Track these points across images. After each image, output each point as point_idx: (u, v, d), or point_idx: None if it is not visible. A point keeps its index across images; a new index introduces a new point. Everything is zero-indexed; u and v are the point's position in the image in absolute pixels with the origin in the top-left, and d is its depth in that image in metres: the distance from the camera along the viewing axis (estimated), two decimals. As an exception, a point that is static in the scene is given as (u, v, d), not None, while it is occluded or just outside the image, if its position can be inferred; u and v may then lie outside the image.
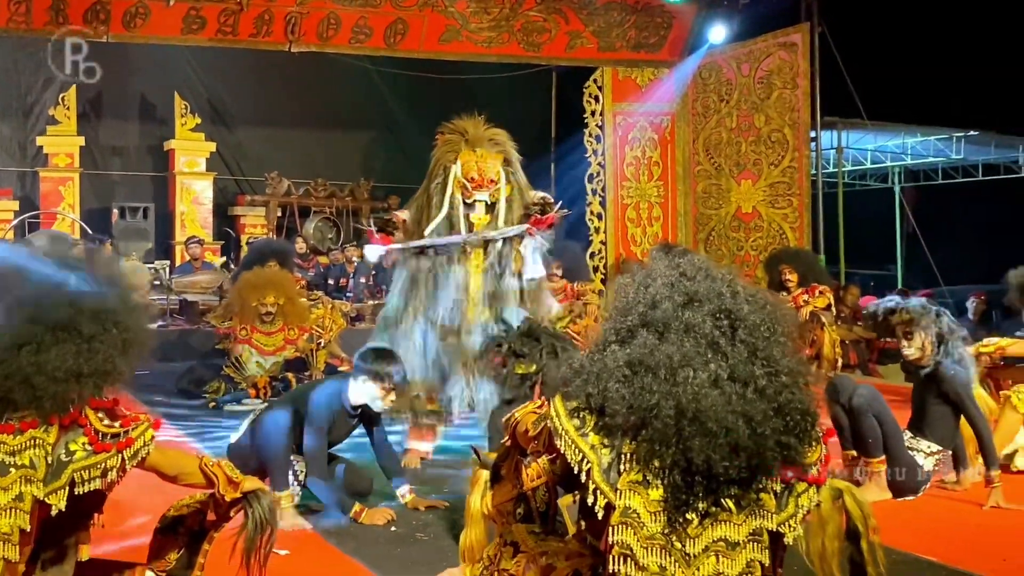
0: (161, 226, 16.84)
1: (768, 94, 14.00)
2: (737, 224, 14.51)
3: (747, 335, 2.76)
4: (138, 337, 3.13)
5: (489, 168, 6.85)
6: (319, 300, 11.68)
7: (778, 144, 13.97)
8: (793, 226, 13.85)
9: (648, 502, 2.71)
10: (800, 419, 2.73)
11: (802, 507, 2.78)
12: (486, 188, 6.83)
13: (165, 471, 3.18)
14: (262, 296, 9.70)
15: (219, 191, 17.58)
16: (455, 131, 7.01)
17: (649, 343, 2.76)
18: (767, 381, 2.71)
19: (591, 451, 2.74)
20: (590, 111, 14.98)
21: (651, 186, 15.12)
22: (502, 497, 3.32)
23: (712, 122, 14.74)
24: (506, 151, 6.99)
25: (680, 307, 2.80)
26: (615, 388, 2.73)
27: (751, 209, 14.32)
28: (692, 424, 2.66)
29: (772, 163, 14.04)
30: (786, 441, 2.71)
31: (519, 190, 6.97)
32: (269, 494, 3.24)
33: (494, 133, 7.02)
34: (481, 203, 6.86)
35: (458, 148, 6.93)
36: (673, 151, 15.09)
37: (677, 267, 2.91)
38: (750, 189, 14.31)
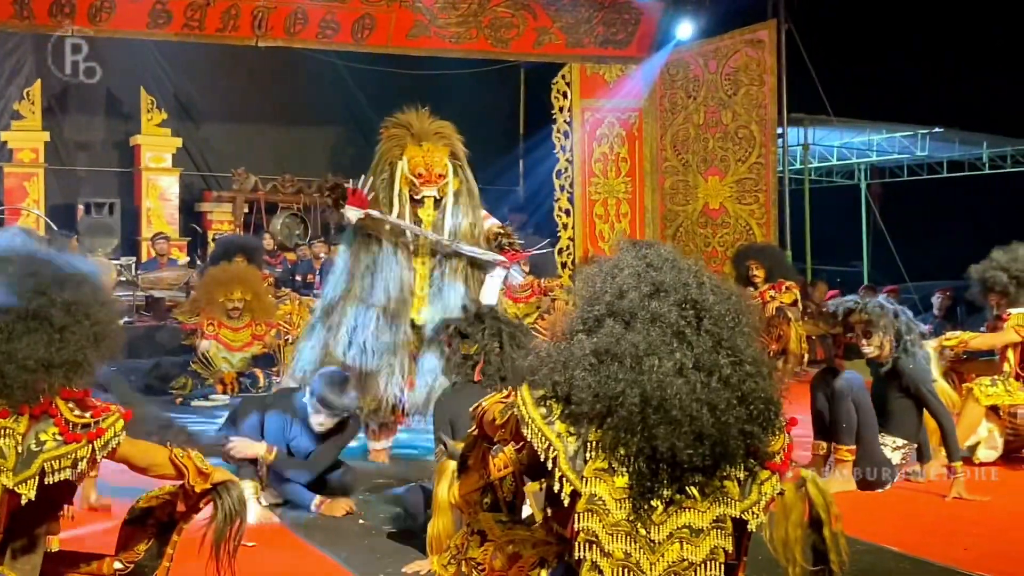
0: (127, 222, 16.72)
1: (735, 90, 14.09)
2: (704, 220, 14.59)
3: (712, 325, 2.80)
4: (109, 330, 3.14)
5: (436, 163, 6.73)
6: (286, 296, 11.68)
7: (745, 140, 14.06)
8: (760, 222, 13.95)
9: (613, 489, 2.74)
10: (764, 408, 2.77)
11: (765, 495, 2.82)
12: (434, 183, 6.72)
13: (135, 462, 3.20)
14: (229, 292, 9.71)
15: (185, 187, 17.48)
16: (400, 125, 6.85)
17: (615, 332, 2.79)
18: (731, 370, 2.76)
19: (557, 439, 2.78)
20: (558, 107, 15.03)
21: (619, 182, 15.19)
22: (469, 487, 3.34)
23: (680, 118, 14.82)
24: (453, 144, 6.86)
25: (646, 297, 2.84)
26: (581, 376, 2.76)
27: (718, 205, 14.41)
28: (657, 412, 2.70)
29: (739, 159, 14.14)
30: (750, 429, 2.75)
31: (467, 186, 6.87)
32: (239, 485, 3.27)
33: (440, 126, 6.88)
34: (429, 199, 6.73)
35: (404, 143, 6.77)
36: (641, 147, 15.16)
37: (644, 258, 2.94)
38: (717, 185, 14.40)
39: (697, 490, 2.76)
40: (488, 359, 5.05)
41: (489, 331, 5.13)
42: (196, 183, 18.09)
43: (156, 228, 16.16)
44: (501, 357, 5.05)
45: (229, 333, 9.71)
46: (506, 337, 5.11)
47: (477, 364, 5.06)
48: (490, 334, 5.12)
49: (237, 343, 9.69)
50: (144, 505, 3.31)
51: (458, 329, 5.24)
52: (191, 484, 3.16)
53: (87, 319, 3.07)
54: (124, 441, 3.08)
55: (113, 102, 17.43)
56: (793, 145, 16.39)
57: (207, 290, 9.91)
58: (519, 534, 3.11)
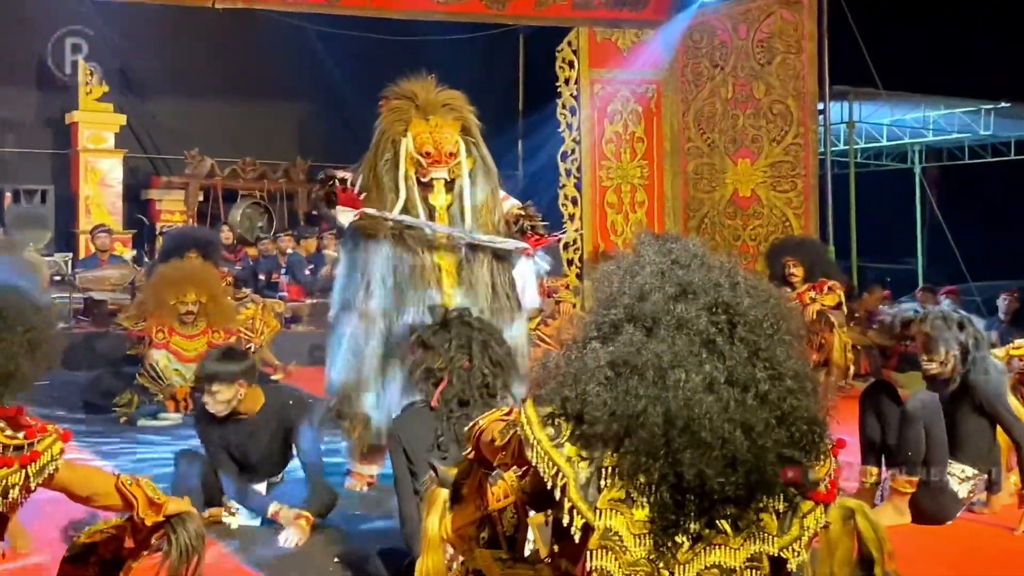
0: (62, 212, 16.74)
1: (769, 59, 14.10)
2: (733, 210, 14.60)
3: (747, 333, 2.78)
4: (44, 337, 3.15)
5: (446, 139, 6.62)
6: (248, 298, 11.69)
7: (780, 117, 14.07)
8: (797, 212, 13.96)
9: (632, 523, 2.73)
10: (807, 429, 2.76)
11: (808, 529, 2.81)
12: (444, 163, 6.60)
13: (76, 490, 3.20)
14: (181, 293, 9.69)
15: (130, 171, 17.49)
16: (402, 96, 6.75)
17: (636, 340, 2.78)
18: (769, 386, 2.74)
19: (567, 464, 2.77)
20: (563, 79, 15.04)
21: (634, 166, 15.20)
22: (464, 520, 3.33)
23: (704, 92, 14.83)
24: (464, 118, 6.76)
25: (672, 299, 2.82)
26: (596, 392, 2.74)
27: (749, 192, 14.42)
28: (683, 434, 2.69)
29: (773, 139, 14.15)
30: (790, 454, 2.74)
31: (483, 165, 6.77)
32: (196, 518, 3.27)
33: (449, 96, 6.76)
34: (440, 181, 6.62)
35: (408, 117, 6.68)
36: (660, 126, 15.17)
37: (669, 253, 2.93)
38: (748, 169, 14.41)
39: (729, 524, 2.75)
40: (452, 378, 4.89)
41: (456, 341, 4.96)
42: (143, 167, 18.11)
43: (96, 219, 16.17)
44: (468, 375, 4.87)
45: (182, 341, 9.69)
46: (476, 349, 4.94)
47: (440, 381, 4.90)
48: (457, 345, 4.95)
49: (191, 353, 9.67)
50: (86, 540, 3.31)
51: (421, 338, 5.10)
52: (141, 516, 3.16)
53: (20, 325, 3.08)
54: (63, 466, 3.08)
55: (46, 73, 17.44)
56: (836, 123, 16.38)
57: (156, 291, 9.89)
58: (521, 574, 3.11)
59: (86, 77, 16.79)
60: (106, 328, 12.51)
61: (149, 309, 9.86)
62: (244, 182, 18.09)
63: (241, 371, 5.87)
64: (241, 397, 5.87)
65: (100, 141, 16.98)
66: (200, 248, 11.25)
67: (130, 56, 17.61)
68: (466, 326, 5.04)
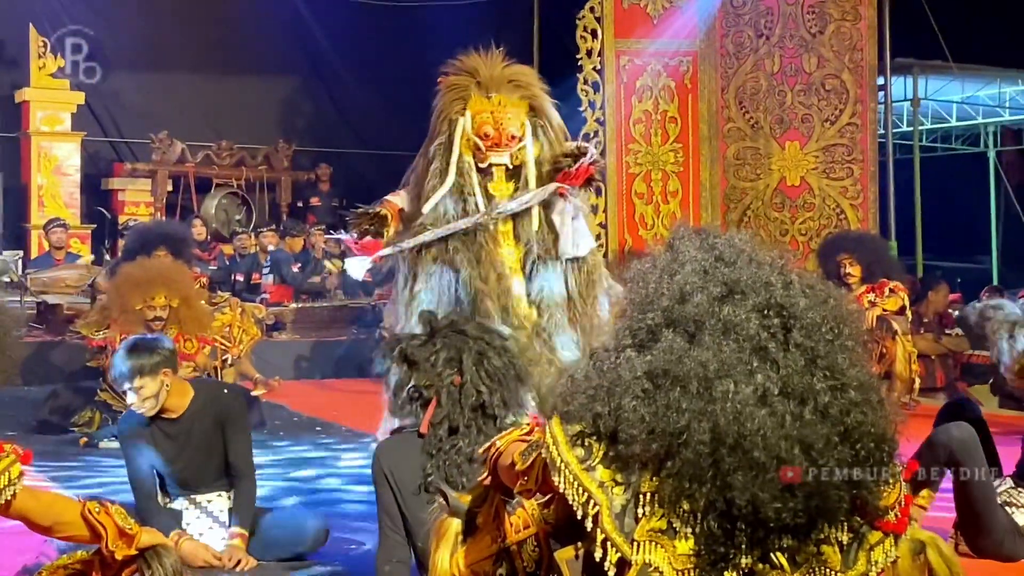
0: (11, 204, 16.81)
1: (822, 28, 14.09)
2: (780, 201, 14.59)
3: (804, 338, 2.79)
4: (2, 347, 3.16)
5: (510, 120, 6.55)
6: (225, 303, 11.70)
7: (834, 94, 14.06)
8: (854, 203, 13.95)
9: (674, 557, 2.74)
10: (874, 448, 2.76)
11: (876, 564, 2.82)
12: (505, 147, 6.53)
13: (36, 519, 3.21)
14: (148, 296, 9.70)
15: (89, 157, 17.56)
16: (463, 71, 6.69)
17: (676, 347, 2.78)
18: (830, 397, 2.74)
19: (599, 490, 2.77)
20: (585, 50, 15.02)
21: (666, 150, 15.18)
22: (478, 554, 3.34)
23: (747, 65, 14.81)
24: (533, 95, 6.71)
25: (717, 301, 2.83)
26: (632, 406, 2.75)
27: (799, 181, 14.41)
28: (733, 453, 2.69)
29: (827, 119, 14.13)
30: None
31: (552, 148, 6.67)
32: (172, 552, 3.28)
33: (516, 72, 6.73)
34: (500, 167, 6.56)
35: (467, 95, 6.63)
36: (696, 104, 15.15)
37: (712, 249, 2.93)
38: (797, 154, 14.40)
39: (786, 558, 2.76)
40: (440, 398, 4.72)
41: (444, 354, 4.78)
42: (104, 152, 18.17)
43: (50, 213, 16.21)
44: (460, 393, 4.70)
45: (149, 351, 9.72)
46: (468, 361, 4.74)
47: (428, 402, 4.74)
48: (445, 359, 4.77)
49: (160, 365, 9.71)
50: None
51: (404, 352, 4.87)
52: (110, 549, 3.17)
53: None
54: (22, 491, 3.09)
55: (-8, 45, 17.50)
56: (899, 100, 16.37)
57: (119, 294, 9.90)
58: (545, 617, 3.12)
59: (39, 49, 16.82)
60: (62, 336, 12.55)
61: (112, 315, 9.87)
62: (219, 169, 18.13)
63: (163, 359, 5.88)
64: (168, 389, 5.89)
65: (55, 123, 17.04)
66: (169, 245, 11.26)
67: (90, 25, 17.64)
68: (457, 335, 4.86)
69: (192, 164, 17.89)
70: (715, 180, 15.13)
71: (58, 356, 11.83)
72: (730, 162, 15.05)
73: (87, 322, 10.43)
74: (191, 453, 6.03)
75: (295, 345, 14.17)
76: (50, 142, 16.94)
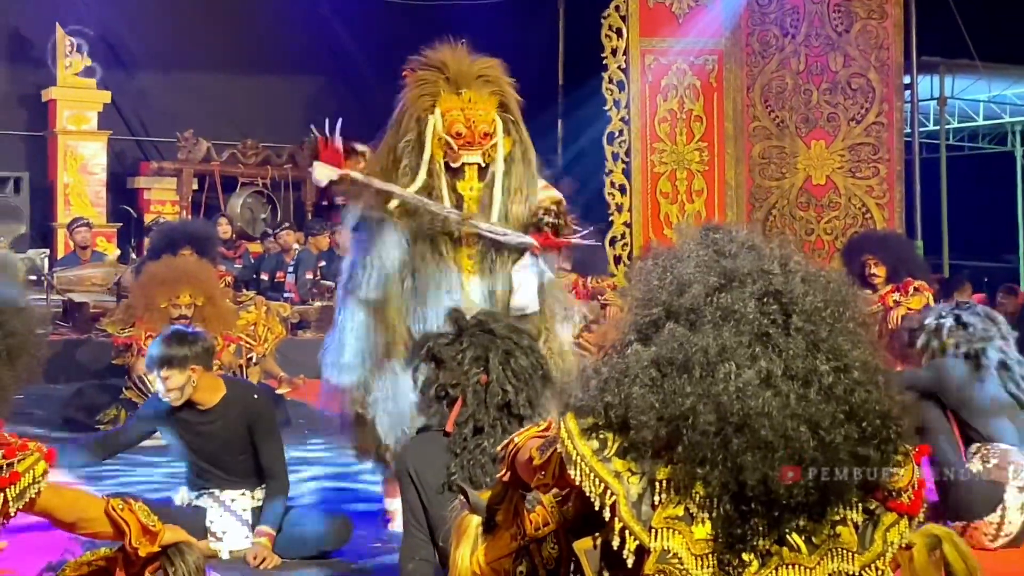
0: (38, 203, 16.88)
1: (847, 26, 14.08)
2: (806, 200, 14.57)
3: (804, 322, 2.81)
4: (27, 344, 3.19)
5: (481, 117, 6.43)
6: (250, 301, 11.74)
7: (860, 93, 14.04)
8: (880, 202, 13.93)
9: (692, 542, 2.76)
10: (880, 424, 2.78)
11: (891, 544, 2.84)
12: (478, 146, 6.42)
13: (60, 516, 3.23)
14: (174, 295, 9.75)
15: (115, 156, 17.63)
16: (430, 66, 6.57)
17: (678, 335, 2.81)
18: (834, 378, 2.77)
19: (615, 480, 2.80)
20: (610, 49, 15.02)
21: (691, 149, 15.18)
22: (499, 551, 3.35)
23: (773, 64, 14.80)
24: (503, 92, 6.58)
25: (715, 290, 2.86)
26: (640, 395, 2.78)
27: (824, 180, 14.39)
28: (740, 433, 2.71)
29: (852, 118, 14.12)
30: (864, 453, 2.76)
31: (522, 147, 6.60)
32: (195, 549, 3.31)
33: (485, 67, 6.58)
34: (472, 167, 6.44)
35: (436, 91, 6.51)
36: (721, 103, 15.14)
37: (712, 244, 2.96)
38: (823, 153, 14.38)
39: (802, 539, 2.78)
40: (466, 397, 4.74)
41: (471, 352, 4.82)
42: (130, 151, 18.24)
43: (77, 211, 16.28)
44: (485, 392, 4.73)
45: (174, 349, 9.77)
46: (495, 360, 4.79)
47: (455, 400, 4.77)
48: (472, 357, 4.80)
49: (184, 363, 9.76)
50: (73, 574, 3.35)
51: (432, 351, 4.91)
52: (134, 546, 3.19)
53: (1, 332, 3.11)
54: (46, 489, 3.12)
55: (20, 44, 17.57)
56: (925, 99, 16.34)
57: (145, 293, 9.95)
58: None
59: (66, 48, 16.89)
60: (88, 334, 12.61)
61: (137, 313, 9.93)
62: (245, 168, 18.18)
63: (194, 355, 5.97)
64: (195, 384, 5.97)
65: (81, 122, 17.11)
66: (195, 244, 11.31)
67: (115, 25, 17.71)
68: (485, 333, 4.88)
69: (218, 163, 17.95)
70: (740, 179, 15.11)
71: (84, 354, 11.89)
72: (755, 161, 15.03)
73: (112, 320, 10.49)
74: (213, 448, 6.10)
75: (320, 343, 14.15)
76: (76, 141, 17.01)
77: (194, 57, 17.88)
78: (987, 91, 18.37)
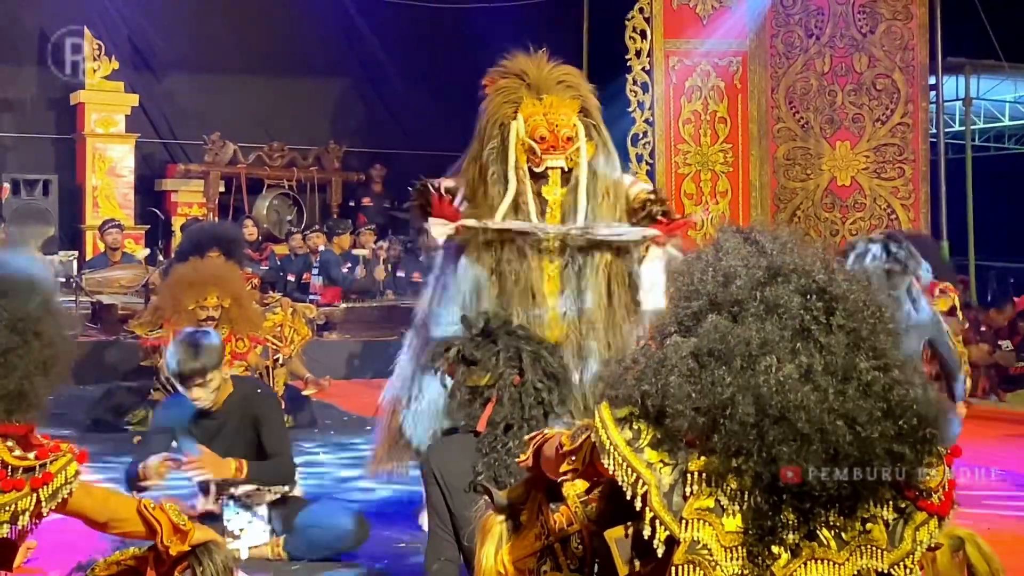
0: (67, 205, 16.93)
1: (873, 27, 14.06)
2: (831, 201, 14.56)
3: (846, 319, 2.83)
4: (61, 351, 3.21)
5: (563, 121, 6.41)
6: (276, 303, 11.78)
7: (885, 94, 14.03)
8: (905, 203, 13.91)
9: (722, 534, 2.78)
10: (917, 424, 2.79)
11: (920, 543, 2.84)
12: (561, 150, 6.42)
13: (93, 516, 3.26)
14: (201, 297, 9.79)
15: (143, 159, 17.68)
16: (510, 74, 6.59)
17: (721, 327, 2.84)
18: (873, 376, 2.78)
19: (647, 470, 2.82)
20: (634, 51, 15.03)
21: (715, 150, 15.18)
22: (523, 551, 3.37)
23: (797, 65, 14.79)
24: (583, 96, 6.62)
25: (760, 284, 2.88)
26: (678, 384, 2.80)
27: (849, 181, 14.38)
28: (777, 425, 2.73)
29: (877, 119, 14.10)
30: (899, 450, 2.77)
31: (604, 151, 6.61)
32: (223, 548, 3.34)
33: (565, 73, 6.64)
34: (556, 171, 6.43)
35: (518, 98, 6.51)
36: (746, 104, 15.14)
37: (754, 242, 2.99)
38: (848, 154, 14.37)
39: (832, 535, 2.79)
40: (501, 396, 4.85)
41: (505, 354, 4.92)
42: (157, 153, 18.29)
43: (105, 213, 16.33)
44: (520, 392, 4.83)
45: (201, 351, 9.83)
46: (528, 361, 4.89)
47: (489, 400, 4.86)
48: (506, 358, 4.90)
49: (212, 364, 9.81)
50: (103, 573, 3.38)
51: (461, 353, 5.00)
52: (165, 544, 3.22)
53: (37, 339, 3.14)
54: (78, 489, 3.15)
55: (48, 47, 17.62)
56: (950, 100, 16.30)
57: (172, 295, 9.99)
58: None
59: (93, 52, 16.95)
60: (117, 336, 12.67)
61: (165, 314, 9.97)
62: (271, 170, 18.22)
63: (212, 364, 6.04)
64: (217, 386, 6.09)
65: (109, 124, 17.16)
66: (222, 245, 11.33)
67: (143, 28, 17.78)
68: (513, 336, 5.00)
69: (244, 165, 17.99)
70: (765, 180, 15.11)
71: (112, 355, 11.95)
72: (780, 162, 15.03)
73: (140, 322, 10.53)
74: (220, 445, 6.13)
75: (345, 345, 14.23)
76: (104, 144, 17.07)
77: (220, 60, 17.93)
78: (1013, 91, 18.31)
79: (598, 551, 3.26)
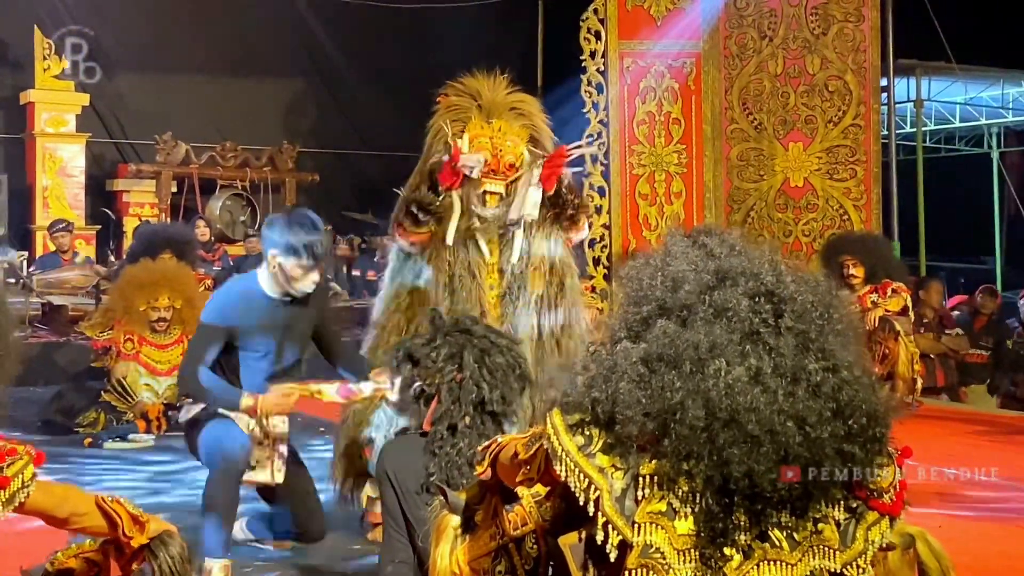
0: (16, 205, 16.83)
1: (825, 29, 14.13)
2: (784, 202, 14.61)
3: (795, 321, 2.86)
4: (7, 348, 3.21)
5: (508, 148, 6.33)
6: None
7: (838, 95, 14.09)
8: (858, 204, 13.98)
9: (675, 537, 2.80)
10: (866, 423, 2.82)
11: (872, 543, 2.87)
12: (502, 176, 6.33)
13: (53, 513, 3.24)
14: (153, 298, 9.79)
15: (94, 159, 17.59)
16: (464, 93, 6.54)
17: (669, 331, 2.86)
18: (822, 377, 2.81)
19: (599, 475, 2.84)
20: (588, 52, 15.04)
21: (670, 151, 15.21)
22: (478, 551, 3.38)
23: (751, 66, 14.85)
24: (534, 126, 6.55)
25: (708, 288, 2.91)
26: (627, 390, 2.82)
27: (802, 182, 14.44)
28: (728, 428, 2.76)
29: (830, 121, 14.17)
30: (849, 450, 2.80)
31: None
32: (178, 539, 3.34)
33: (519, 100, 6.58)
34: (494, 196, 6.32)
35: (466, 117, 6.46)
36: (699, 105, 15.18)
37: (703, 246, 3.01)
38: (801, 155, 14.43)
39: (784, 536, 2.82)
40: (442, 394, 4.79)
41: (446, 350, 4.84)
42: (108, 153, 18.20)
43: (55, 214, 16.24)
44: (460, 389, 4.76)
45: (154, 352, 9.78)
46: (469, 358, 4.80)
47: (432, 398, 4.82)
48: (447, 355, 4.83)
49: (164, 365, 9.76)
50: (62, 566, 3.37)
51: (408, 351, 4.96)
52: (127, 535, 3.21)
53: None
54: (36, 489, 3.13)
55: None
56: (902, 101, 16.40)
57: (124, 296, 9.98)
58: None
59: (43, 51, 16.85)
60: (67, 337, 12.59)
61: (116, 316, 9.95)
62: (223, 170, 18.15)
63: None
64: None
65: (60, 124, 17.07)
66: (174, 247, 11.31)
67: (94, 26, 17.67)
68: (461, 333, 4.92)
69: (196, 165, 17.92)
70: (719, 181, 15.16)
71: (63, 357, 11.87)
72: (734, 163, 15.08)
73: (91, 323, 10.48)
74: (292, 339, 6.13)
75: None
76: (55, 143, 16.98)
77: (172, 60, 17.86)
78: (963, 93, 18.44)
79: (553, 551, 3.28)
